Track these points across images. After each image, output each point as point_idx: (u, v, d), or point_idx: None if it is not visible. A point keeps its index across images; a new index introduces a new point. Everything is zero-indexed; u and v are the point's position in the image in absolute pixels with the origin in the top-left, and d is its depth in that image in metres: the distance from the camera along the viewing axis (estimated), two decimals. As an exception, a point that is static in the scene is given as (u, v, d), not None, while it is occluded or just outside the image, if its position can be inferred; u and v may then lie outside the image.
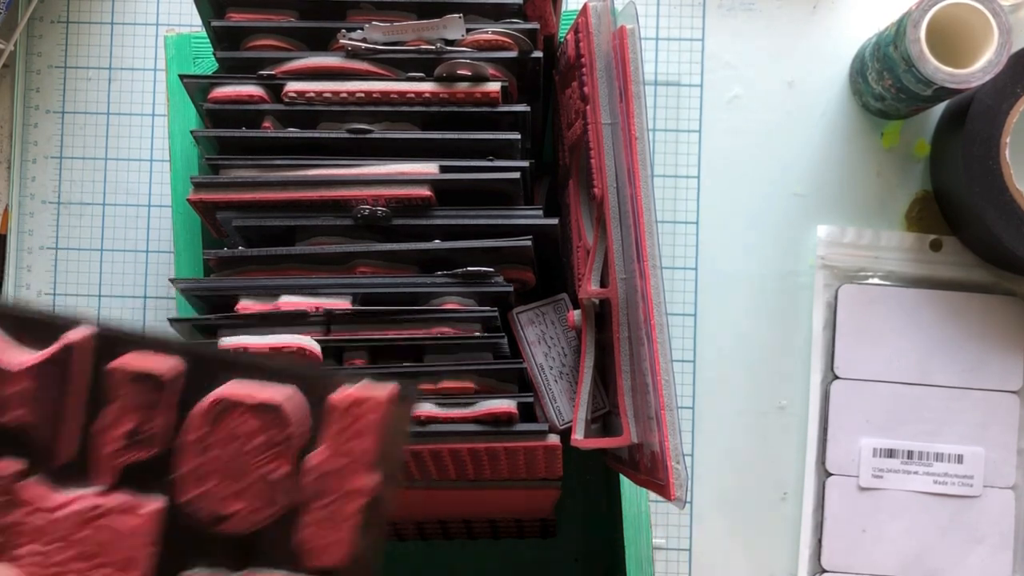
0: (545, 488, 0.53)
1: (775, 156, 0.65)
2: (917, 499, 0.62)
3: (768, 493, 0.64)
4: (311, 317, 0.47)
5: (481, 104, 0.48)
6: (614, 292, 0.45)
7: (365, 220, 0.48)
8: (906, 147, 0.65)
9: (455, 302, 0.48)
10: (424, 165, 0.48)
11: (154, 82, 0.67)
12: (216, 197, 0.48)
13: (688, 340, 0.64)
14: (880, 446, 0.62)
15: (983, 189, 0.59)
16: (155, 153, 0.66)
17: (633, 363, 0.44)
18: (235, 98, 0.49)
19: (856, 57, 0.64)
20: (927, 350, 0.63)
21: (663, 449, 0.41)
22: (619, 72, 0.44)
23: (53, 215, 0.66)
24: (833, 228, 0.64)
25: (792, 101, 0.65)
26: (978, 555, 0.62)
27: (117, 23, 0.67)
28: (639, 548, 0.54)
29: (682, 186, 0.65)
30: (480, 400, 0.47)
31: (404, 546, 0.64)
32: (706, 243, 0.65)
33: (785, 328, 0.64)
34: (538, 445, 0.47)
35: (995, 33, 0.55)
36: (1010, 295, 0.63)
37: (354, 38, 0.49)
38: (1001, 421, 0.62)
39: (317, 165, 0.48)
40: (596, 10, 0.46)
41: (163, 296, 0.66)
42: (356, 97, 0.49)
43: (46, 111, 0.66)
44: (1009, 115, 0.59)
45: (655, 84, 0.66)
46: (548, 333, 0.51)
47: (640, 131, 0.43)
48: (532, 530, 0.61)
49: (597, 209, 0.46)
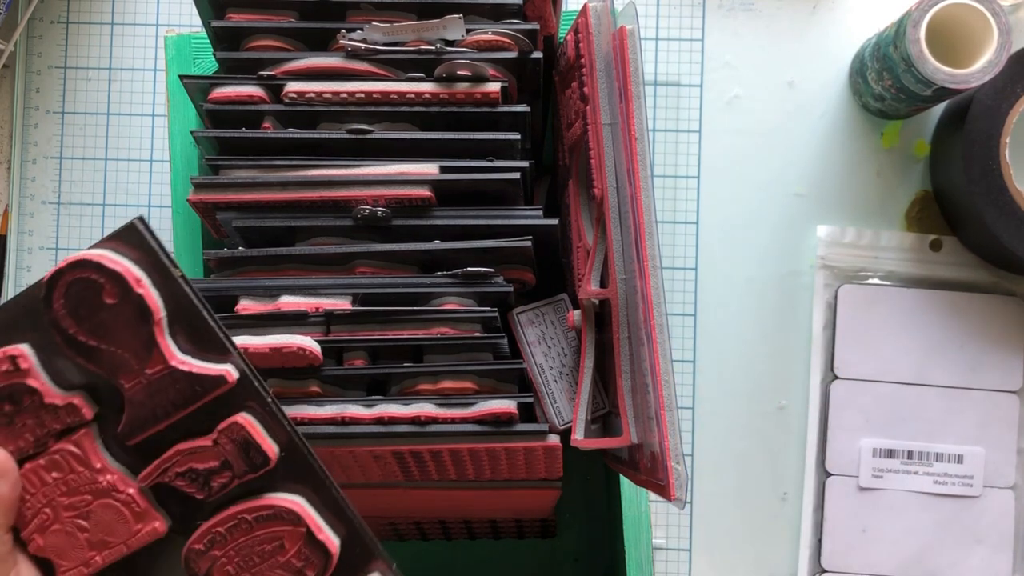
0: (545, 488, 0.53)
1: (775, 156, 0.65)
2: (917, 499, 0.62)
3: (768, 493, 0.64)
4: (311, 317, 0.47)
5: (481, 104, 0.48)
6: (614, 292, 0.45)
7: (365, 220, 0.48)
8: (906, 147, 0.65)
9: (455, 302, 0.48)
10: (424, 165, 0.48)
11: (154, 82, 0.67)
12: (216, 197, 0.48)
13: (688, 340, 0.64)
14: (880, 446, 0.62)
15: (983, 189, 0.59)
16: (155, 153, 0.66)
17: (633, 363, 0.44)
18: (235, 98, 0.49)
19: (856, 57, 0.64)
20: (927, 350, 0.63)
21: (663, 449, 0.41)
22: (619, 72, 0.44)
23: (53, 215, 0.66)
24: (833, 228, 0.64)
25: (792, 101, 0.65)
26: (978, 555, 0.62)
27: (117, 23, 0.67)
28: (639, 548, 0.54)
29: (682, 186, 0.65)
30: (480, 400, 0.47)
31: (404, 546, 0.64)
32: (706, 243, 0.65)
33: (785, 328, 0.64)
34: (538, 445, 0.47)
35: (995, 33, 0.55)
36: (1010, 295, 0.63)
37: (354, 38, 0.49)
38: (1001, 421, 0.62)
39: (317, 165, 0.48)
40: (596, 10, 0.46)
41: (163, 296, 0.66)
42: (356, 97, 0.49)
43: (46, 111, 0.66)
44: (1009, 115, 0.59)
45: (655, 84, 0.66)
46: (548, 333, 0.51)
47: (640, 131, 0.43)
48: (532, 530, 0.61)
49: (597, 209, 0.46)
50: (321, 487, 0.38)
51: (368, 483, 0.52)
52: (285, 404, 0.47)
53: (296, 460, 0.37)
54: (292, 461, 0.37)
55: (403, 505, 0.55)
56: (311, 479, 0.38)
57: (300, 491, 0.38)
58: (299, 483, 0.38)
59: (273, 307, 0.47)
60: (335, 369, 0.47)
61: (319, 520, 0.38)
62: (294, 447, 0.37)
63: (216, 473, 0.37)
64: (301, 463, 0.38)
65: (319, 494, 0.38)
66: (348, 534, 0.38)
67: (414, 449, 0.47)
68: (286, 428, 0.37)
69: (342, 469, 0.50)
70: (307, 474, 0.38)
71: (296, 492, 0.38)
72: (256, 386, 0.37)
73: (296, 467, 0.38)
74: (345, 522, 0.38)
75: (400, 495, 0.53)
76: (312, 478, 0.38)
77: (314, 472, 0.38)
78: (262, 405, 0.37)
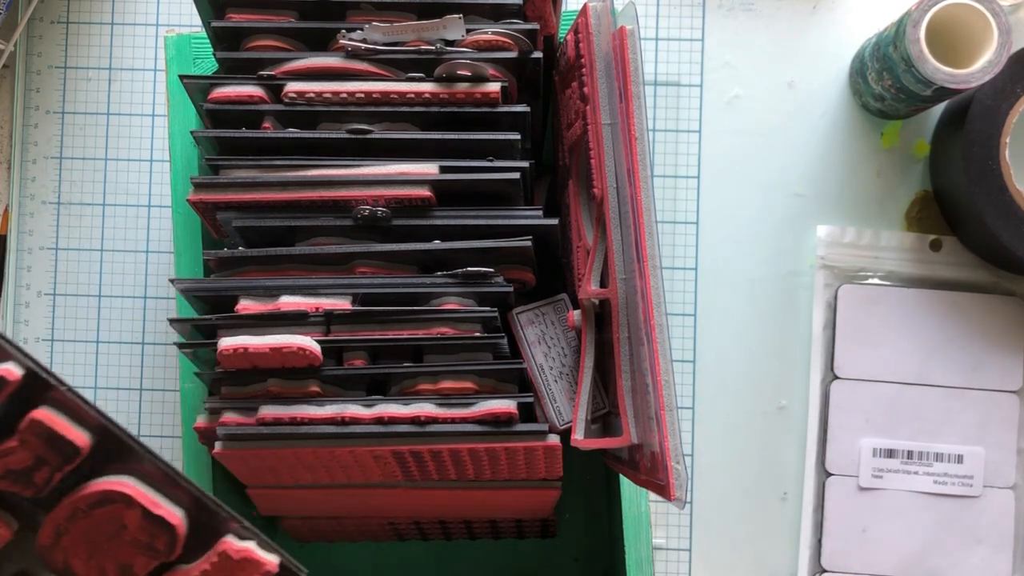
0: (545, 488, 0.53)
1: (775, 156, 0.65)
2: (917, 499, 0.62)
3: (768, 493, 0.64)
4: (311, 317, 0.47)
5: (481, 104, 0.48)
6: (614, 292, 0.45)
7: (365, 220, 0.48)
8: (906, 147, 0.65)
9: (455, 302, 0.48)
10: (424, 165, 0.48)
11: (154, 82, 0.67)
12: (216, 197, 0.48)
13: (688, 340, 0.64)
14: (880, 446, 0.62)
15: (983, 189, 0.59)
16: (155, 153, 0.66)
17: (633, 363, 0.44)
18: (235, 98, 0.49)
19: (856, 57, 0.64)
20: (927, 350, 0.63)
21: (663, 449, 0.41)
22: (619, 72, 0.44)
23: (53, 215, 0.66)
24: (833, 228, 0.64)
25: (792, 101, 0.65)
26: (978, 555, 0.62)
27: (117, 23, 0.67)
28: (639, 548, 0.54)
29: (682, 186, 0.65)
30: (480, 400, 0.47)
31: (404, 546, 0.64)
32: (706, 243, 0.65)
33: (785, 328, 0.64)
34: (538, 445, 0.47)
35: (995, 33, 0.55)
36: (1010, 295, 0.63)
37: (354, 38, 0.49)
38: (1001, 421, 0.62)
39: (317, 165, 0.48)
40: (596, 10, 0.46)
41: (163, 296, 0.66)
42: (356, 97, 0.49)
43: (46, 111, 0.66)
44: (1009, 115, 0.59)
45: (655, 84, 0.66)
46: (548, 333, 0.51)
47: (640, 131, 0.43)
48: (532, 530, 0.61)
49: (597, 209, 0.46)
50: (147, 464, 0.38)
51: (368, 483, 0.52)
52: (285, 404, 0.47)
53: (113, 443, 0.38)
54: (109, 444, 0.38)
55: (403, 505, 0.55)
56: (134, 458, 0.38)
57: (127, 471, 0.38)
58: (123, 463, 0.38)
59: (273, 307, 0.47)
60: (335, 369, 0.47)
61: (154, 495, 0.38)
62: (107, 431, 0.38)
63: (35, 470, 0.37)
64: (119, 445, 0.38)
65: (147, 471, 0.38)
66: (191, 502, 0.39)
67: (414, 449, 0.47)
68: (94, 414, 0.38)
69: (342, 469, 0.50)
70: (128, 455, 0.38)
71: (124, 472, 0.38)
72: (49, 379, 0.37)
73: (116, 449, 0.38)
74: (183, 492, 0.39)
75: (400, 495, 0.53)
76: (134, 457, 0.38)
77: (134, 452, 0.38)
78: (62, 396, 0.37)
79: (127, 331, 0.66)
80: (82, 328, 0.66)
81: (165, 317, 0.65)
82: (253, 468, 0.50)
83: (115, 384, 0.65)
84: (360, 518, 0.58)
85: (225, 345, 0.46)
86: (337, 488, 0.53)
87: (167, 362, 0.66)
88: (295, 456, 0.48)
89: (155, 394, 0.65)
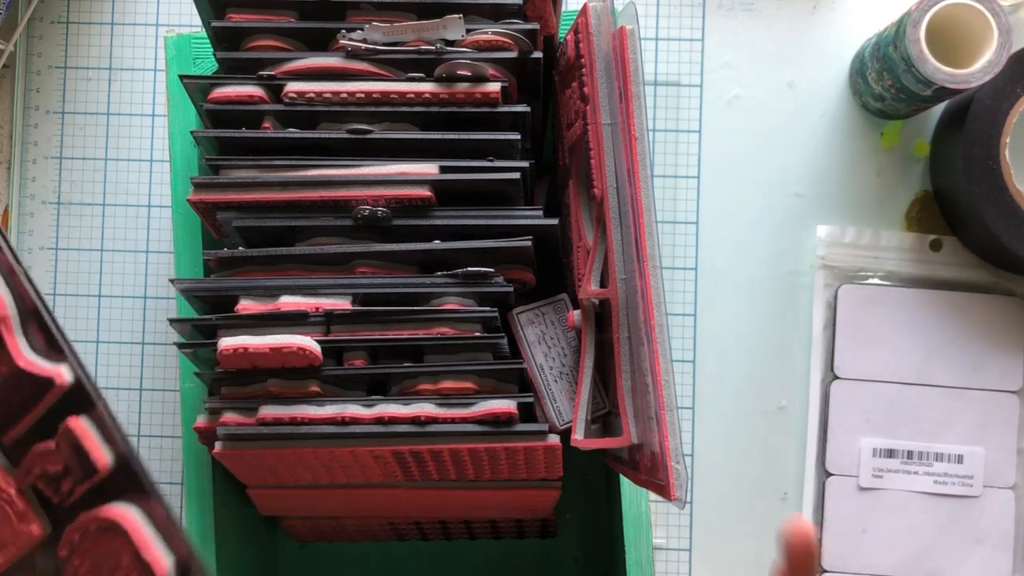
0: (545, 488, 0.53)
1: (775, 156, 0.65)
2: (917, 499, 0.62)
3: (768, 493, 0.64)
4: (311, 317, 0.47)
5: (481, 104, 0.48)
6: (614, 292, 0.45)
7: (365, 220, 0.48)
8: (906, 147, 0.65)
9: (455, 302, 0.48)
10: (424, 165, 0.48)
11: (154, 82, 0.67)
12: (216, 197, 0.48)
13: (688, 340, 0.64)
14: (880, 446, 0.62)
15: (983, 189, 0.59)
16: (155, 153, 0.66)
17: (633, 363, 0.44)
18: (235, 98, 0.49)
19: (856, 57, 0.64)
20: (927, 350, 0.63)
21: (663, 449, 0.41)
22: (619, 72, 0.44)
23: (53, 215, 0.66)
24: (833, 228, 0.64)
25: (792, 101, 0.65)
26: (978, 555, 0.62)
27: (117, 23, 0.67)
28: (639, 548, 0.54)
29: (682, 186, 0.65)
30: (480, 400, 0.47)
31: (404, 546, 0.64)
32: (706, 243, 0.65)
33: (785, 328, 0.64)
34: (538, 445, 0.47)
35: (995, 33, 0.55)
36: (1010, 295, 0.63)
37: (354, 38, 0.49)
38: (1001, 421, 0.62)
39: (317, 165, 0.48)
40: (596, 10, 0.46)
41: (163, 296, 0.66)
42: (356, 97, 0.49)
43: (46, 111, 0.66)
44: (1009, 115, 0.59)
45: (655, 84, 0.66)
46: (548, 333, 0.51)
47: (640, 131, 0.43)
48: (532, 530, 0.61)
49: (597, 209, 0.46)
50: (155, 505, 0.38)
51: (368, 483, 0.52)
52: (285, 404, 0.47)
53: (130, 474, 0.38)
54: (127, 474, 0.38)
55: (403, 505, 0.55)
56: (144, 495, 0.38)
57: (137, 503, 0.38)
58: (134, 495, 0.38)
59: (273, 307, 0.47)
60: (335, 369, 0.47)
61: (151, 537, 0.38)
62: (127, 461, 0.37)
63: (62, 477, 0.37)
64: (134, 479, 0.38)
65: (154, 511, 0.38)
66: (185, 555, 0.38)
67: (414, 449, 0.47)
68: (120, 441, 0.37)
69: (342, 469, 0.50)
70: (139, 491, 0.38)
71: (134, 503, 0.38)
72: (91, 393, 0.37)
73: (131, 481, 0.38)
74: (180, 543, 0.38)
75: (400, 495, 0.53)
76: (145, 495, 0.38)
77: (145, 490, 0.38)
78: (99, 413, 0.37)
79: (127, 331, 0.66)
80: (82, 328, 0.66)
81: (165, 317, 0.65)
82: (253, 468, 0.50)
83: (115, 384, 0.65)
84: (360, 518, 0.58)
85: (225, 345, 0.46)
86: (337, 488, 0.53)
87: (167, 362, 0.65)
88: (295, 456, 0.48)
89: (155, 394, 0.65)
